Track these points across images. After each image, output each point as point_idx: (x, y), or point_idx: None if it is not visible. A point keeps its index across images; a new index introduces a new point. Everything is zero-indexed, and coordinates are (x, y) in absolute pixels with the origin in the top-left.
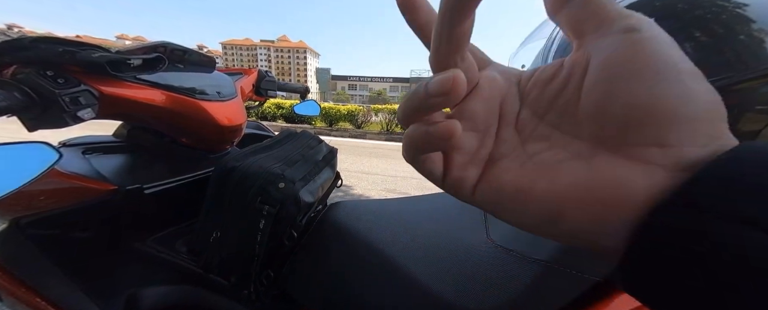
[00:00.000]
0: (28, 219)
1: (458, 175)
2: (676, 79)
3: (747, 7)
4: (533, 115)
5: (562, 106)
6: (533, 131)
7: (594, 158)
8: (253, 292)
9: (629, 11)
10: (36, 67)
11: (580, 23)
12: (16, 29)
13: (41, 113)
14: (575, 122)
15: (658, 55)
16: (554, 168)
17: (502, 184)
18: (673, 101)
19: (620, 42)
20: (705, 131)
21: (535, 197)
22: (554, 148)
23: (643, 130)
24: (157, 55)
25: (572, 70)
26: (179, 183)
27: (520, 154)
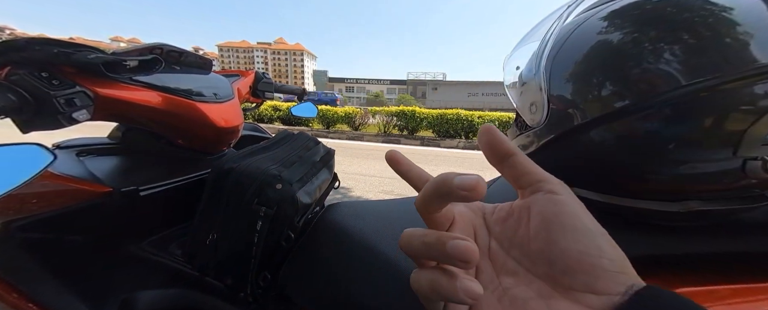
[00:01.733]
0: (20, 222)
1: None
2: (592, 240)
3: (732, 11)
4: (500, 248)
5: (519, 244)
6: (503, 265)
7: (552, 299)
8: (250, 294)
9: (547, 176)
10: (30, 68)
11: (515, 179)
12: (8, 31)
13: (35, 115)
14: (531, 261)
15: (576, 218)
16: (524, 306)
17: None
18: (593, 256)
19: (548, 201)
20: (622, 282)
21: None
22: (521, 284)
23: (578, 276)
24: (153, 57)
25: (520, 214)
26: (175, 185)
27: (497, 286)
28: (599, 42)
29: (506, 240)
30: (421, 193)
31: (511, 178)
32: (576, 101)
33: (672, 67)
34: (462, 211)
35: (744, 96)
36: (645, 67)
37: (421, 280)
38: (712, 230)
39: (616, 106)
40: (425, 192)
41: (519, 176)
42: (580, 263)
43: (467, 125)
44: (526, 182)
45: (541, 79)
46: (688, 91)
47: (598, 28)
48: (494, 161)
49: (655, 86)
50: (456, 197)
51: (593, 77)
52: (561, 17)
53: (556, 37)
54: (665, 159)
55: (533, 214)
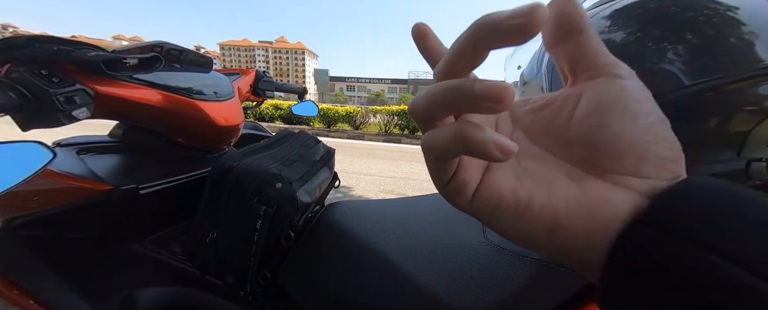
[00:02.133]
0: (21, 220)
1: (464, 177)
2: (651, 126)
3: (738, 10)
4: (526, 137)
5: (554, 132)
6: (526, 150)
7: (584, 180)
8: (250, 292)
9: (616, 60)
10: (31, 65)
11: (573, 62)
12: (11, 29)
13: (35, 112)
14: (566, 147)
15: (639, 103)
16: (550, 184)
17: (502, 192)
18: (648, 143)
19: (610, 85)
20: (671, 169)
21: (533, 208)
22: (546, 167)
23: (625, 161)
24: (153, 55)
25: (565, 102)
26: (175, 183)
27: (515, 167)
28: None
29: (537, 129)
30: (435, 138)
31: (570, 60)
32: None
33: (675, 67)
34: None
35: (748, 96)
36: (648, 67)
37: (440, 134)
38: None
39: None
40: (427, 97)
41: (582, 57)
42: (632, 149)
43: None
44: (585, 66)
45: (542, 79)
46: (692, 92)
47: (601, 27)
48: (558, 35)
49: (659, 86)
50: (474, 109)
51: None
52: None
53: None
54: None
55: (585, 99)
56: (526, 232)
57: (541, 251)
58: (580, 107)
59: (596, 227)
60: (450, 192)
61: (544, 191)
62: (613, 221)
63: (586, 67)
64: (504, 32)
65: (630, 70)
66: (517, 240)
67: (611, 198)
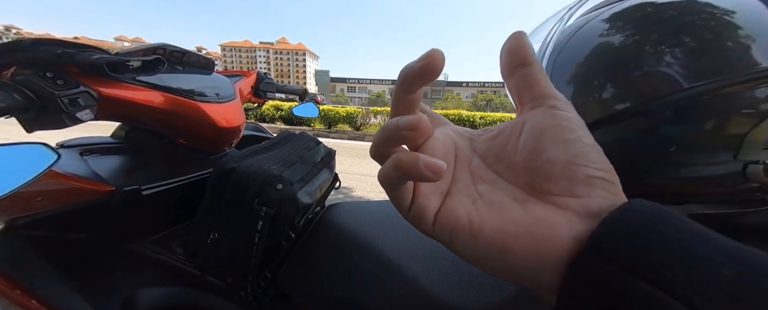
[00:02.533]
0: (24, 220)
1: (423, 203)
2: (582, 150)
3: (734, 14)
4: (483, 163)
5: (504, 158)
6: (482, 176)
7: (528, 202)
8: (251, 293)
9: (556, 92)
10: (35, 68)
11: (520, 93)
12: (14, 30)
13: (40, 114)
14: (513, 172)
15: (570, 131)
16: (500, 207)
17: (458, 216)
18: (578, 165)
19: (547, 114)
20: (604, 188)
21: (485, 230)
22: (498, 191)
23: (559, 182)
24: (156, 57)
25: (513, 130)
26: (177, 184)
27: (472, 192)
28: (600, 44)
29: (491, 156)
30: (382, 171)
31: (517, 90)
32: (576, 103)
33: (673, 70)
34: (445, 131)
35: (745, 99)
36: (646, 69)
37: (385, 166)
38: None
39: (616, 109)
40: (374, 140)
41: (527, 87)
42: (564, 171)
43: (469, 126)
44: (530, 96)
45: None
46: (690, 94)
47: (599, 31)
48: (510, 67)
49: (656, 89)
50: (401, 140)
51: (594, 79)
52: (562, 19)
53: (557, 39)
54: (666, 162)
55: (527, 127)
56: (481, 254)
57: (496, 272)
58: (523, 134)
59: (541, 249)
60: (413, 218)
61: (495, 214)
62: (555, 243)
63: (529, 97)
64: (417, 74)
65: (566, 101)
66: (475, 261)
67: (551, 220)
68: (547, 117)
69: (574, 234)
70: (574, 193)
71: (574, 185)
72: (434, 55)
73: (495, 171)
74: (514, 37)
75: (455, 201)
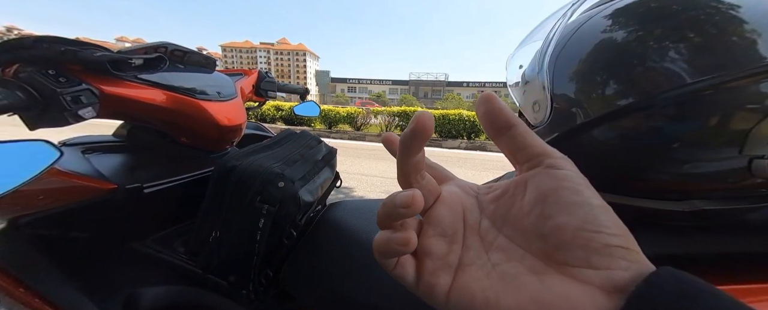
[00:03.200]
0: (27, 218)
1: (430, 280)
2: (590, 213)
3: (740, 8)
4: (492, 226)
5: (513, 221)
6: (494, 241)
7: (546, 275)
8: (252, 291)
9: (549, 150)
10: (38, 66)
11: (513, 154)
12: (16, 31)
13: (42, 112)
14: (524, 237)
15: (575, 192)
16: (515, 282)
17: (474, 293)
18: (590, 232)
19: (546, 175)
20: (623, 257)
21: (503, 308)
22: (512, 260)
23: (574, 251)
24: (158, 55)
25: (516, 190)
26: (179, 182)
27: (485, 262)
28: (603, 40)
29: (499, 218)
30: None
31: (509, 152)
32: (579, 100)
33: (677, 65)
34: (452, 190)
35: (750, 94)
36: (649, 65)
37: (375, 243)
38: (717, 229)
39: (619, 105)
40: (378, 215)
41: (518, 149)
42: (576, 238)
43: (470, 126)
44: (524, 157)
45: (544, 77)
46: (693, 89)
47: (602, 26)
48: (492, 132)
49: (660, 84)
50: (399, 217)
51: (597, 75)
52: (565, 15)
53: (560, 36)
54: (669, 158)
55: (529, 189)
56: None
57: None
58: (527, 197)
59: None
60: (423, 295)
61: (511, 291)
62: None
63: (524, 158)
64: (411, 137)
65: (564, 158)
66: None
67: (573, 297)
68: (547, 179)
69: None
70: (592, 264)
71: (590, 255)
72: (421, 118)
73: (505, 235)
74: (483, 100)
75: (469, 276)
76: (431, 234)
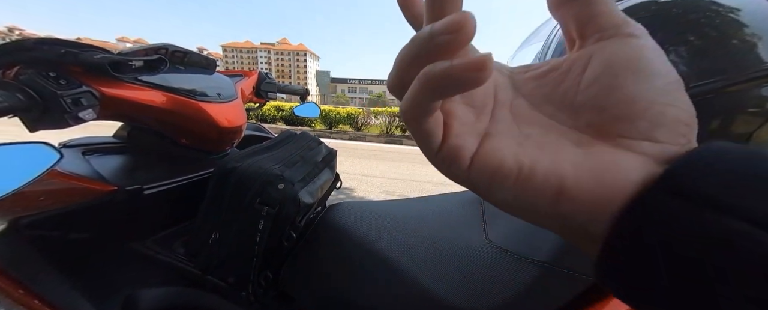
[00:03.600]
0: (27, 220)
1: (456, 142)
2: (668, 86)
3: (739, 12)
4: (528, 105)
5: (560, 97)
6: (527, 117)
7: (592, 146)
8: (252, 293)
9: (628, 18)
10: (38, 68)
11: (583, 24)
12: (17, 32)
13: (43, 114)
14: (572, 113)
15: (655, 63)
16: (555, 149)
17: (503, 157)
18: (664, 104)
19: (624, 44)
20: (685, 134)
21: (537, 174)
22: (551, 134)
23: (638, 124)
24: (158, 57)
25: (572, 66)
26: (179, 184)
27: (517, 133)
28: None
29: (540, 96)
30: (406, 97)
31: (577, 21)
32: None
33: (678, 69)
34: None
35: (751, 98)
36: None
37: (411, 89)
38: None
39: None
40: (397, 63)
41: (591, 17)
42: (647, 110)
43: None
44: (596, 27)
45: None
46: (694, 94)
47: None
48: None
49: None
50: (437, 50)
51: None
52: None
53: (560, 38)
54: None
55: (595, 61)
56: (529, 201)
57: (542, 222)
58: (591, 70)
59: (603, 194)
60: (443, 160)
61: (549, 156)
62: (623, 187)
63: (597, 28)
64: (461, 82)
65: (643, 29)
66: (518, 211)
67: (621, 163)
68: (626, 48)
69: (648, 176)
70: (654, 137)
71: (657, 128)
72: (487, 62)
73: (545, 112)
74: None
75: (497, 142)
76: (457, 101)
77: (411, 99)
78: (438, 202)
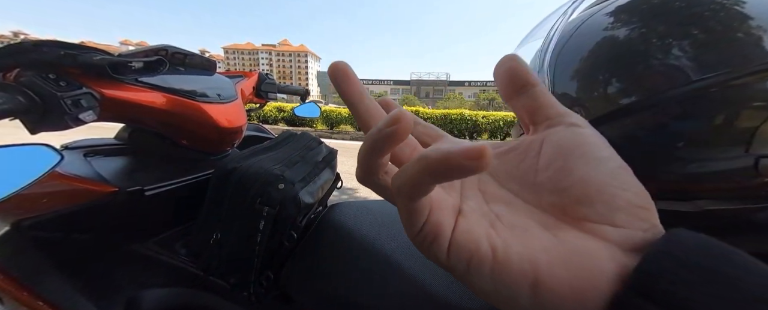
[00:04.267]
0: (29, 221)
1: (437, 218)
2: (615, 171)
3: (745, 4)
4: (494, 182)
5: (521, 177)
6: (495, 195)
7: (558, 229)
8: (253, 293)
9: (568, 110)
10: (38, 70)
11: (531, 113)
12: (22, 36)
13: (43, 116)
14: (535, 193)
15: (599, 148)
16: (524, 232)
17: (478, 238)
18: (616, 187)
19: (568, 131)
20: (645, 218)
21: (511, 258)
22: (518, 213)
23: (595, 206)
24: (158, 58)
25: (529, 148)
26: (180, 185)
27: (487, 212)
28: (605, 38)
29: (503, 173)
30: (402, 174)
31: (526, 111)
32: (581, 98)
33: (681, 63)
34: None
35: (756, 92)
36: (653, 63)
37: (407, 169)
38: (724, 230)
39: (622, 104)
40: (359, 160)
41: (537, 108)
42: (601, 193)
43: (471, 125)
44: (543, 116)
45: (544, 76)
46: (698, 87)
47: (603, 24)
48: (511, 91)
49: (663, 82)
50: (385, 140)
51: (599, 74)
52: (565, 14)
53: (561, 33)
54: (674, 157)
55: (547, 146)
56: (506, 290)
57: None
58: (544, 153)
59: (579, 286)
60: (425, 239)
61: (520, 238)
62: (597, 281)
63: (543, 117)
64: (464, 170)
65: (583, 119)
66: (498, 300)
67: (590, 251)
68: (571, 135)
69: (618, 269)
70: (614, 221)
71: (614, 212)
72: (485, 153)
73: (509, 190)
74: (508, 59)
75: (471, 222)
76: None
77: (409, 179)
78: None
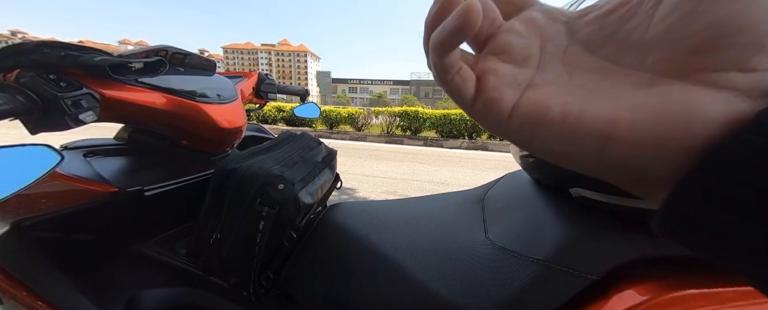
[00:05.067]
0: (29, 222)
1: (491, 95)
2: (765, 4)
3: None
4: (584, 50)
5: (624, 37)
6: (582, 64)
7: (658, 85)
8: (253, 293)
9: None
10: (39, 70)
11: None
12: (21, 35)
13: (43, 116)
14: (637, 52)
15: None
16: (610, 94)
17: (549, 107)
18: (760, 21)
19: None
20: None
21: (585, 119)
22: (606, 79)
23: (728, 51)
24: (158, 59)
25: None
26: (179, 185)
27: (566, 82)
28: None
29: (600, 39)
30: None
31: None
32: None
33: None
34: (529, 17)
35: None
36: None
37: (429, 57)
38: None
39: None
40: (431, 45)
41: None
42: (742, 34)
43: (471, 125)
44: None
45: None
46: None
47: None
48: None
49: None
50: (452, 38)
51: None
52: None
53: None
54: None
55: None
56: (573, 148)
57: (584, 168)
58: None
59: (667, 136)
60: (479, 113)
61: (601, 101)
62: (696, 127)
63: None
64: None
65: None
66: (561, 159)
67: (695, 101)
68: None
69: (731, 114)
70: (747, 65)
71: (753, 54)
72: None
73: (603, 56)
74: None
75: (542, 92)
76: (493, 59)
77: (431, 62)
78: (438, 201)
